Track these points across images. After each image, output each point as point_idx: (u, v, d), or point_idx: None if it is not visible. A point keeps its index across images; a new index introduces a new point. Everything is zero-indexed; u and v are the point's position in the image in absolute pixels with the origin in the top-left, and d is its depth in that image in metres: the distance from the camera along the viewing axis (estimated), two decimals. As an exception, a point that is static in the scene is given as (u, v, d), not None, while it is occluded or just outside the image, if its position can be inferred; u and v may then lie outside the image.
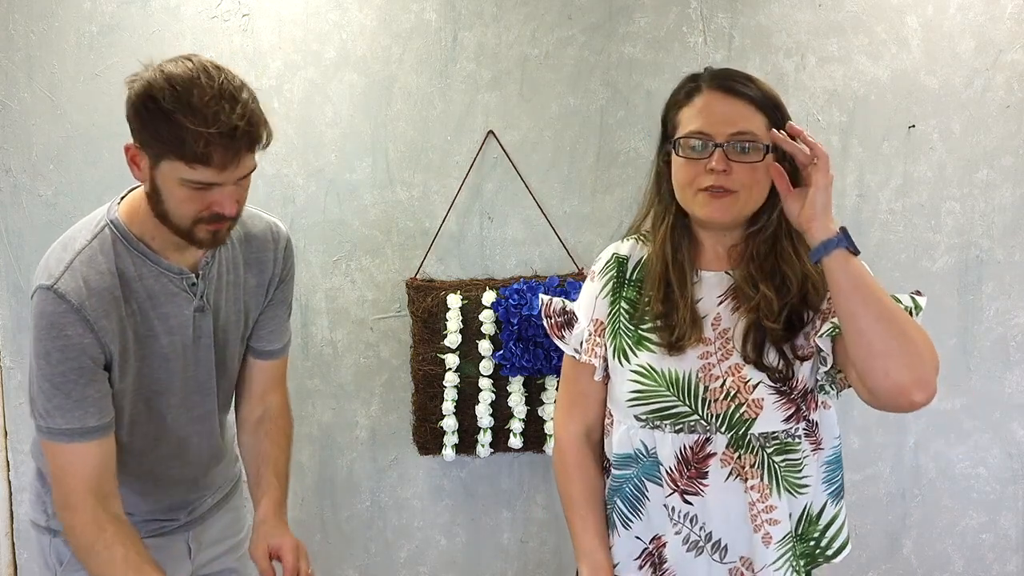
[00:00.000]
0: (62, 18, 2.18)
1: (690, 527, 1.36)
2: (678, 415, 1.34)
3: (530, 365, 2.14)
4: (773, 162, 1.26)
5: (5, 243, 2.27)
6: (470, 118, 2.19)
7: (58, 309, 1.24)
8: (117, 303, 1.29)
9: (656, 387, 1.34)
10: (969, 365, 2.26)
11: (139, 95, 1.21)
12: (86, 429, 1.28)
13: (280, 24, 2.17)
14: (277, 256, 1.51)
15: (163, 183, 1.24)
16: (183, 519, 1.53)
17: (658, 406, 1.35)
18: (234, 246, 1.45)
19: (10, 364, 2.32)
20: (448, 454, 2.24)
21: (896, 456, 2.28)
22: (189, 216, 1.25)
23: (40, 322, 1.26)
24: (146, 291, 1.33)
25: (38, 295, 1.27)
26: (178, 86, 1.19)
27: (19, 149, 2.23)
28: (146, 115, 1.20)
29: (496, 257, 2.24)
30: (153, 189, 1.26)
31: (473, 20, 2.16)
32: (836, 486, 1.42)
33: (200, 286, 1.38)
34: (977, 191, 2.20)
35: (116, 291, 1.29)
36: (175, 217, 1.26)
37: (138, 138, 1.24)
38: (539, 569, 2.37)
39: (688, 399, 1.33)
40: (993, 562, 2.34)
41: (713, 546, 1.36)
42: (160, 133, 1.19)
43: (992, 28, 2.15)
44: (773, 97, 1.32)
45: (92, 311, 1.26)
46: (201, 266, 1.39)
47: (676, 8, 2.15)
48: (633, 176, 2.19)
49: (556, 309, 1.49)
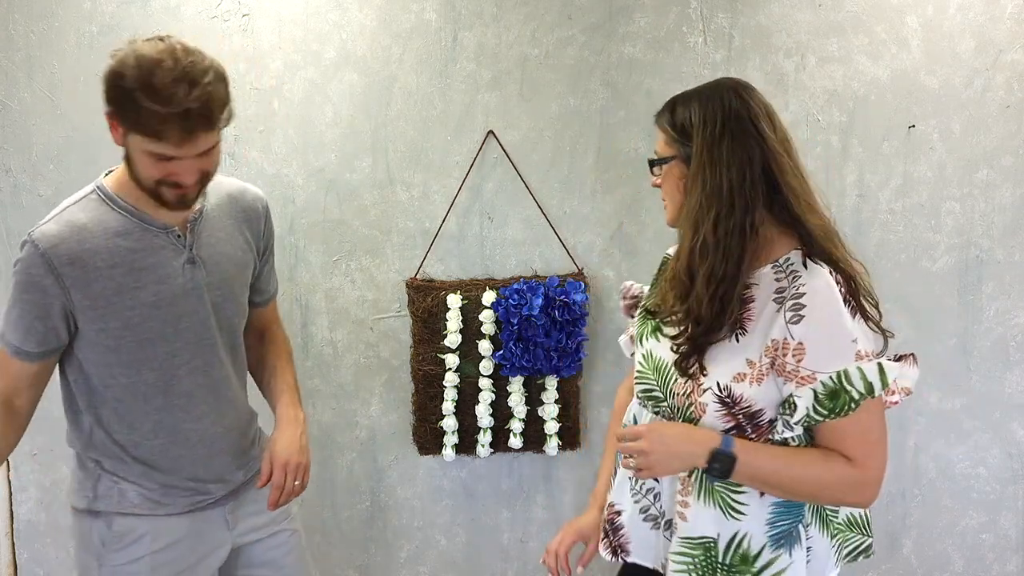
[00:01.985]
0: (62, 18, 2.18)
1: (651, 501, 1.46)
2: (656, 399, 1.44)
3: (530, 365, 2.14)
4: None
5: (5, 243, 2.27)
6: (470, 118, 2.19)
7: (31, 255, 1.42)
8: (92, 254, 1.44)
9: (646, 371, 1.45)
10: (969, 365, 2.26)
11: (111, 71, 1.33)
12: (23, 351, 1.48)
13: (280, 24, 2.17)
14: (263, 213, 1.67)
15: (132, 150, 1.39)
16: (219, 493, 1.62)
17: (645, 387, 1.46)
18: (224, 204, 1.59)
19: (10, 364, 2.32)
20: (448, 454, 2.24)
21: (896, 456, 2.28)
22: (152, 179, 1.40)
23: (18, 269, 1.45)
24: (131, 245, 1.47)
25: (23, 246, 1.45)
26: (143, 66, 1.30)
27: (19, 149, 2.23)
28: (114, 91, 1.33)
29: (496, 257, 2.24)
30: (126, 153, 1.41)
31: (473, 20, 2.16)
32: (779, 531, 1.36)
33: (188, 239, 1.51)
34: (977, 191, 2.20)
35: (90, 243, 1.45)
36: (142, 179, 1.41)
37: (109, 109, 1.36)
38: (539, 569, 2.37)
39: (662, 386, 1.42)
40: (993, 562, 2.34)
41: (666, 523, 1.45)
42: (124, 108, 1.33)
43: (992, 28, 2.15)
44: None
45: (58, 260, 1.42)
46: (189, 222, 1.52)
47: (676, 8, 2.15)
48: (633, 176, 2.19)
49: (630, 294, 1.66)
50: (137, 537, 1.56)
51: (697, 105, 1.34)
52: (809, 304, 1.26)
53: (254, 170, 2.21)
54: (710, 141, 1.31)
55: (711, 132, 1.31)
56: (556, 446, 2.22)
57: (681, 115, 1.36)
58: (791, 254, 1.32)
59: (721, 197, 1.30)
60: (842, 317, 1.25)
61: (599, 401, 2.28)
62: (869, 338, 1.29)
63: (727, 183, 1.29)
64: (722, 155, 1.30)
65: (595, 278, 2.24)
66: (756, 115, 1.32)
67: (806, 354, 1.26)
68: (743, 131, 1.31)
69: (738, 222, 1.29)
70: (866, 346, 1.27)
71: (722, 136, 1.31)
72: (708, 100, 1.34)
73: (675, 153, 1.37)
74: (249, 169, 2.21)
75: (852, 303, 1.28)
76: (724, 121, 1.31)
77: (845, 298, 1.27)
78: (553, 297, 2.12)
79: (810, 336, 1.26)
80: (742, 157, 1.30)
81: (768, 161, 1.30)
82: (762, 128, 1.31)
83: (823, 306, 1.26)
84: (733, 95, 1.34)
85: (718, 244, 1.30)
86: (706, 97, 1.35)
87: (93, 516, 1.58)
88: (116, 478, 1.57)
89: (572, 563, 1.57)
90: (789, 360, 1.27)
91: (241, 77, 2.18)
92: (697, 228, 1.32)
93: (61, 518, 2.36)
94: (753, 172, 1.30)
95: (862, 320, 1.28)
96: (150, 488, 1.57)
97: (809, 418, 1.27)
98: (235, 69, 2.19)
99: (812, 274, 1.28)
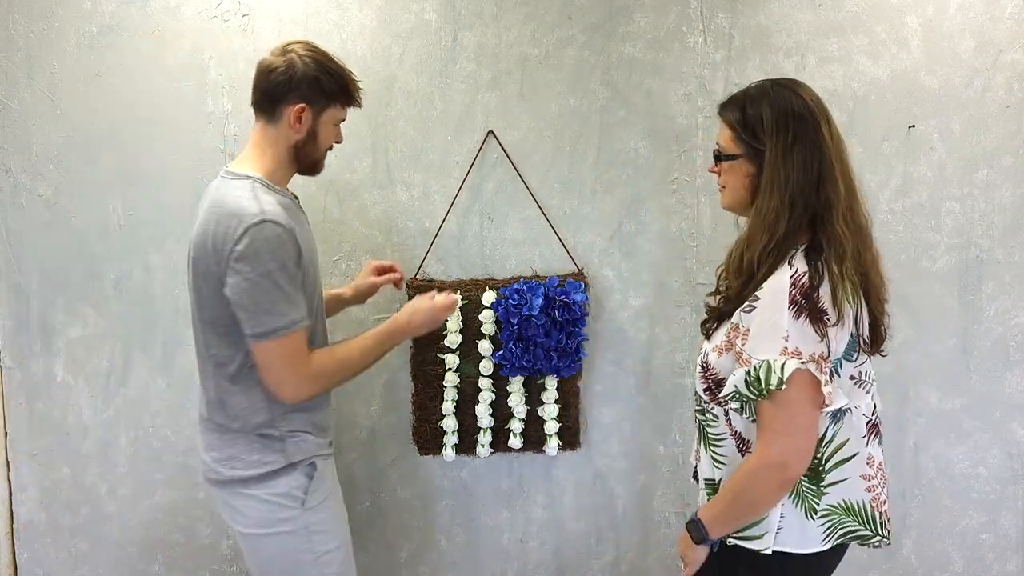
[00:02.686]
0: (62, 18, 2.18)
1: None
2: None
3: (530, 365, 2.14)
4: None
5: (5, 243, 2.27)
6: (470, 118, 2.19)
7: (277, 232, 1.58)
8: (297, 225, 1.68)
9: None
10: (969, 365, 2.26)
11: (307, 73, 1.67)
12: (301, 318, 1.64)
13: (280, 24, 2.17)
14: None
15: (321, 126, 1.72)
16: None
17: None
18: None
19: (10, 364, 2.32)
20: (448, 454, 2.24)
21: (896, 456, 2.28)
22: (327, 146, 1.77)
23: (268, 246, 1.57)
24: (294, 216, 1.69)
25: (254, 229, 1.57)
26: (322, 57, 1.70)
27: (19, 149, 2.23)
28: (314, 82, 1.67)
29: (496, 257, 2.24)
30: (310, 135, 1.71)
31: (473, 20, 2.16)
32: None
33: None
34: (977, 191, 2.20)
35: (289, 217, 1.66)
36: (320, 150, 1.76)
37: (308, 97, 1.68)
38: (539, 569, 2.37)
39: None
40: (993, 562, 2.34)
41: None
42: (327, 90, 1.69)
43: (992, 28, 2.15)
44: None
45: (292, 232, 1.62)
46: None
47: (676, 8, 2.15)
48: (633, 176, 2.19)
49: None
50: (324, 474, 1.78)
51: (768, 109, 1.45)
52: (762, 297, 1.42)
53: (254, 170, 2.21)
54: (783, 148, 1.42)
55: (784, 139, 1.43)
56: (556, 446, 2.22)
57: (752, 116, 1.46)
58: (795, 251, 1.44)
59: (793, 200, 1.42)
60: (780, 314, 1.38)
61: (599, 401, 2.28)
62: (808, 340, 1.38)
63: (797, 188, 1.42)
64: (794, 162, 1.42)
65: (595, 278, 2.24)
66: (818, 122, 1.43)
67: (748, 340, 1.43)
68: (810, 138, 1.42)
69: (797, 221, 1.43)
70: (800, 345, 1.38)
71: (794, 144, 1.42)
72: (778, 104, 1.44)
73: (742, 152, 1.48)
74: (249, 169, 2.21)
75: (801, 304, 1.38)
76: (795, 128, 1.43)
77: (794, 299, 1.38)
78: (553, 297, 2.12)
79: (753, 325, 1.42)
80: (808, 162, 1.42)
81: (822, 170, 1.42)
82: (822, 135, 1.43)
83: (770, 303, 1.40)
84: (799, 100, 1.44)
85: (782, 241, 1.43)
86: (775, 100, 1.45)
87: (290, 470, 1.72)
88: (297, 433, 1.73)
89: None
90: (738, 342, 1.46)
91: (241, 77, 2.18)
92: (772, 229, 1.43)
93: (61, 518, 2.36)
94: (813, 175, 1.42)
95: (808, 322, 1.38)
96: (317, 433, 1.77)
97: (739, 394, 1.44)
98: (235, 69, 2.19)
99: (778, 272, 1.42)
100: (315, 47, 1.72)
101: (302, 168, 1.78)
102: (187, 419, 2.31)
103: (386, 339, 1.80)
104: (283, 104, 1.68)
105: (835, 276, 1.38)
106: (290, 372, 1.63)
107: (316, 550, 1.75)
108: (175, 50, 2.19)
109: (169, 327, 2.28)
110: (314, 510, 1.74)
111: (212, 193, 1.69)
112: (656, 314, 2.25)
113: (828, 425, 1.47)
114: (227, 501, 1.75)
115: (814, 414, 1.41)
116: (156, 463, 2.34)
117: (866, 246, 1.46)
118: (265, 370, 1.64)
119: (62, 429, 2.34)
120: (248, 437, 1.70)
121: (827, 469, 1.49)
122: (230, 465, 1.71)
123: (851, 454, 1.49)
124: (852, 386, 1.49)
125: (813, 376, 1.38)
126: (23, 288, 2.28)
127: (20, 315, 2.29)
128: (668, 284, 2.24)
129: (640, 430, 2.29)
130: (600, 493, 2.32)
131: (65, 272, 2.27)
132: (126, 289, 2.27)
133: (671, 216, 2.21)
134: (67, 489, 2.35)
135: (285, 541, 1.73)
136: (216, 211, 1.62)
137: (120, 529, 2.37)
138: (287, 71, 1.66)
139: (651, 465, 2.31)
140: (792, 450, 1.41)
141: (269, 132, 1.71)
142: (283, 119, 1.69)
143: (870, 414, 1.52)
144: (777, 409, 1.40)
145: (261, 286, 1.57)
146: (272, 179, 1.71)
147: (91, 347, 2.30)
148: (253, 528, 1.73)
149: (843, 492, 1.50)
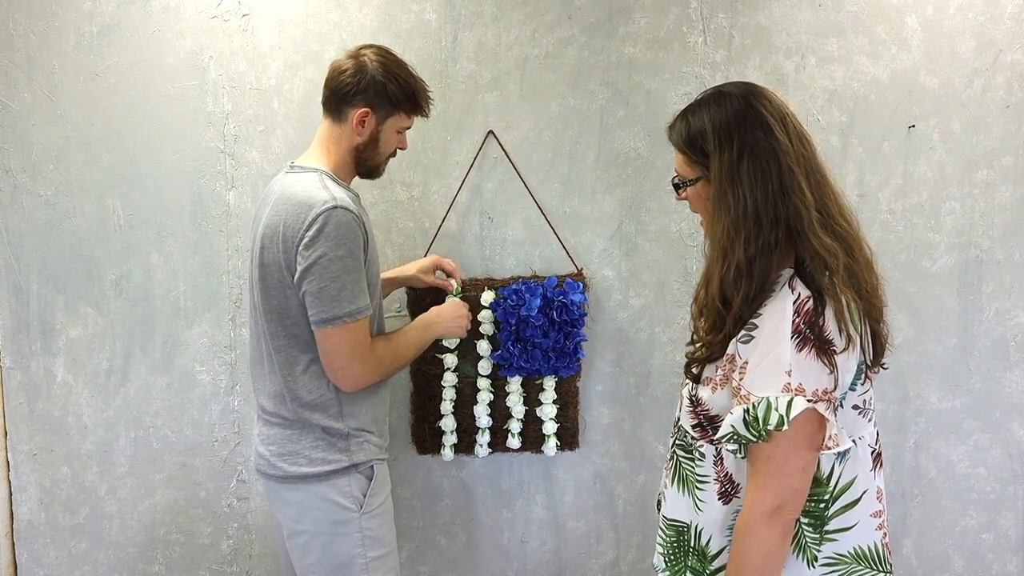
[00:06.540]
0: (62, 18, 2.18)
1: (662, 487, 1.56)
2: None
3: (528, 365, 2.14)
4: None
5: (5, 243, 2.27)
6: (470, 118, 2.19)
7: (347, 219, 1.61)
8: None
9: None
10: (969, 365, 2.26)
11: (375, 78, 1.69)
12: (367, 306, 1.66)
13: (280, 24, 2.17)
14: None
15: (384, 131, 1.75)
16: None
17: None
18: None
19: (10, 364, 2.32)
20: (447, 454, 2.24)
21: (896, 456, 2.28)
22: (389, 151, 1.79)
23: (339, 231, 1.60)
24: (358, 209, 1.70)
25: (325, 214, 1.60)
26: (393, 64, 1.73)
27: (19, 149, 2.23)
28: (381, 88, 1.70)
29: (496, 257, 2.24)
30: (372, 139, 1.74)
31: (473, 20, 2.16)
32: None
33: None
34: (977, 191, 2.20)
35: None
36: (381, 154, 1.78)
37: (374, 103, 1.71)
38: (539, 569, 2.37)
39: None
40: (993, 562, 2.34)
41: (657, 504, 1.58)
42: (393, 97, 1.71)
43: (992, 28, 2.15)
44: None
45: (360, 220, 1.65)
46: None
47: (676, 8, 2.15)
48: (633, 176, 2.19)
49: None
50: (383, 479, 1.79)
51: (709, 123, 1.31)
52: (760, 327, 1.26)
53: (254, 170, 2.21)
54: (728, 165, 1.29)
55: (729, 153, 1.29)
56: (554, 446, 2.22)
57: (696, 135, 1.33)
58: (783, 272, 1.30)
59: (747, 219, 1.27)
60: (782, 347, 1.23)
61: (598, 401, 2.28)
62: (813, 373, 1.24)
63: (751, 204, 1.27)
64: (742, 177, 1.28)
65: (595, 278, 2.24)
66: (769, 126, 1.29)
67: (747, 374, 1.27)
68: (761, 147, 1.28)
69: (766, 240, 1.27)
70: (804, 380, 1.23)
71: (740, 158, 1.28)
72: (719, 116, 1.31)
73: (698, 174, 1.35)
74: (249, 169, 2.21)
75: (806, 335, 1.23)
76: (741, 138, 1.29)
77: (798, 328, 1.24)
78: (551, 298, 2.12)
79: (753, 357, 1.27)
80: (765, 173, 1.27)
81: (782, 177, 1.27)
82: (776, 140, 1.28)
83: (770, 333, 1.25)
84: (745, 106, 1.30)
85: (751, 266, 1.27)
86: (717, 112, 1.31)
87: (351, 471, 1.73)
88: (362, 432, 1.74)
89: None
90: (735, 376, 1.30)
91: (241, 77, 2.18)
92: (727, 255, 1.29)
93: (61, 518, 2.36)
94: (773, 185, 1.27)
95: (814, 354, 1.23)
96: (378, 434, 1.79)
97: (737, 436, 1.27)
98: (235, 69, 2.19)
99: (778, 297, 1.27)
100: (389, 53, 1.74)
101: (361, 171, 1.79)
102: (187, 419, 2.31)
103: (422, 330, 1.88)
104: (348, 106, 1.71)
105: (835, 297, 1.24)
106: (353, 360, 1.65)
107: (367, 555, 1.74)
108: (175, 50, 2.19)
109: (169, 327, 2.28)
110: (370, 515, 1.74)
111: (278, 186, 1.71)
112: (656, 314, 2.25)
113: (834, 462, 1.32)
114: (282, 495, 1.73)
115: (812, 456, 1.27)
116: (156, 463, 2.34)
117: (857, 248, 1.31)
118: (329, 356, 1.65)
119: (62, 429, 2.34)
120: (313, 433, 1.70)
121: (832, 514, 1.33)
122: (291, 461, 1.70)
123: (859, 494, 1.34)
124: (856, 416, 1.34)
125: (818, 415, 1.24)
126: (23, 288, 2.29)
127: (20, 315, 2.30)
128: (668, 284, 2.24)
129: (640, 430, 2.29)
130: (600, 493, 2.32)
131: (65, 272, 2.28)
132: (126, 289, 2.28)
133: (671, 216, 2.21)
134: (67, 489, 2.36)
135: (338, 543, 1.72)
136: (287, 202, 1.65)
137: (120, 529, 2.37)
138: (356, 74, 1.69)
139: (651, 465, 2.31)
140: (787, 492, 1.26)
141: (334, 131, 1.74)
142: (347, 121, 1.72)
143: (874, 443, 1.38)
144: (773, 449, 1.25)
145: (330, 271, 1.59)
146: (337, 175, 1.74)
147: (91, 347, 2.30)
148: (307, 526, 1.72)
149: (856, 539, 1.34)
